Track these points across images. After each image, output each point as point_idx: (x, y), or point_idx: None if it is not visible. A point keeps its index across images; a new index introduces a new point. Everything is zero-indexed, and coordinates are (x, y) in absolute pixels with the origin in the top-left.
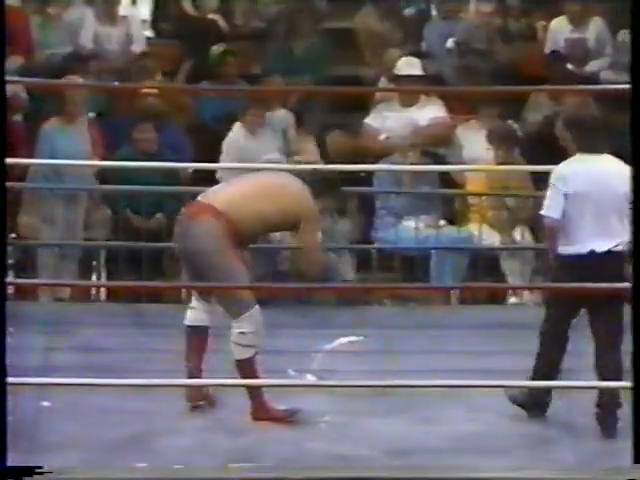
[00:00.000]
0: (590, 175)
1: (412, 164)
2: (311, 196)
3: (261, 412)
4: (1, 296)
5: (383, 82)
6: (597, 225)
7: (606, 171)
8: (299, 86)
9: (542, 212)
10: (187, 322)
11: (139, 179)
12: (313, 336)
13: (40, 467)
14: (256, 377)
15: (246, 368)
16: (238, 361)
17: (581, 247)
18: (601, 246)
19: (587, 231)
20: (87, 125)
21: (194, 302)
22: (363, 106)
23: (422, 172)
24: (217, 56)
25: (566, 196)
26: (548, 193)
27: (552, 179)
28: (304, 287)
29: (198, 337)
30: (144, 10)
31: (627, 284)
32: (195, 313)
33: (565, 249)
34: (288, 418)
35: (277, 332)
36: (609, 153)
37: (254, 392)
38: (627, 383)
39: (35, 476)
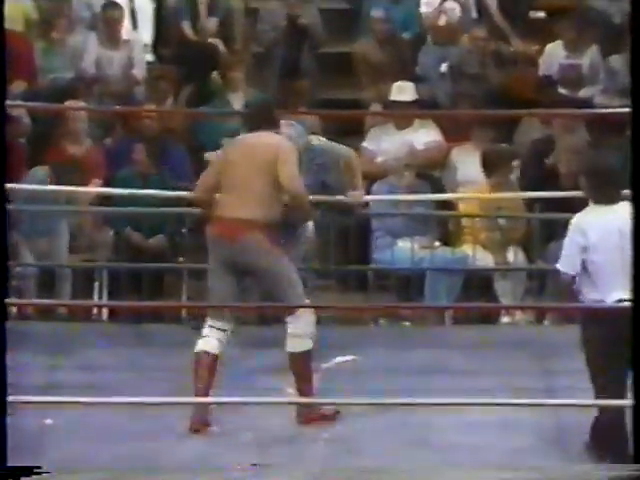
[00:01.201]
0: (607, 225)
1: (407, 185)
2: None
3: (312, 413)
4: (2, 316)
5: (377, 107)
6: (618, 274)
7: (622, 220)
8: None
9: (558, 265)
10: (198, 349)
11: (140, 200)
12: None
13: (39, 467)
14: (310, 371)
15: (301, 361)
16: (293, 354)
17: (607, 295)
18: (625, 295)
19: (609, 280)
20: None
21: (207, 331)
22: (358, 130)
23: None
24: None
25: (585, 249)
26: (565, 245)
27: (569, 231)
28: (296, 306)
29: (208, 365)
30: (145, 34)
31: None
32: (207, 341)
33: (592, 296)
34: (335, 416)
35: (272, 350)
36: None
37: (306, 393)
38: (628, 401)
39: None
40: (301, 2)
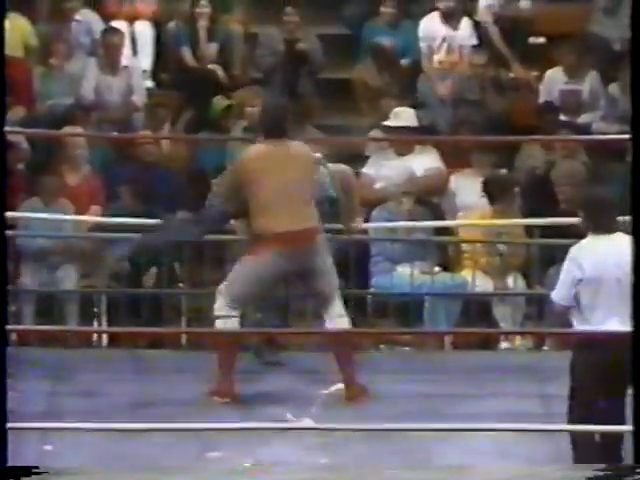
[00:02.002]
0: (605, 257)
1: (407, 212)
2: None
3: (353, 389)
4: (2, 342)
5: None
6: (613, 307)
7: (619, 251)
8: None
9: (552, 296)
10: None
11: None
12: (310, 381)
13: (36, 467)
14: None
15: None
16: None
17: (597, 327)
18: (617, 328)
19: (602, 313)
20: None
21: (229, 311)
22: (357, 155)
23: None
24: (220, 109)
25: (580, 281)
26: (561, 275)
27: (566, 262)
28: (300, 332)
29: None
30: (145, 60)
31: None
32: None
33: (583, 326)
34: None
35: (274, 376)
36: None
37: (350, 372)
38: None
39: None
40: (300, 27)
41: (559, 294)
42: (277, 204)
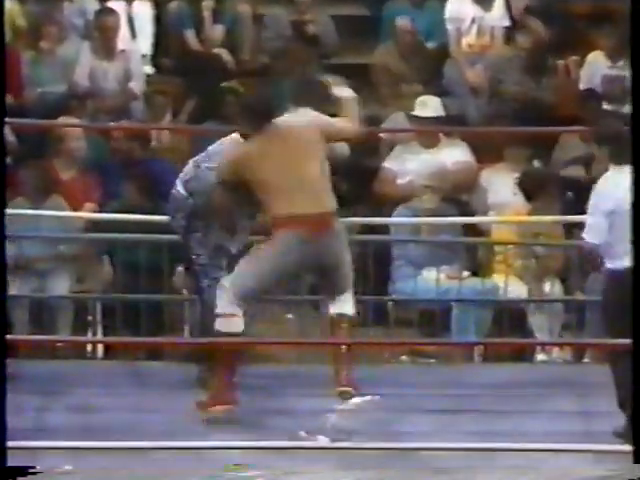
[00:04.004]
0: (626, 189)
1: (432, 209)
2: None
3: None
4: (2, 354)
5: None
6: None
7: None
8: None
9: (583, 235)
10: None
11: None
12: (325, 395)
13: (33, 467)
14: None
15: (347, 327)
16: (343, 316)
17: (621, 262)
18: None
19: (624, 246)
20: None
21: (233, 309)
22: (377, 147)
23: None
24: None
25: (611, 212)
26: (589, 214)
27: (592, 199)
28: (311, 343)
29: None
30: (144, 44)
31: None
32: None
33: (614, 264)
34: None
35: (287, 391)
36: None
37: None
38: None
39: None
40: (310, 8)
41: (591, 231)
42: (286, 188)
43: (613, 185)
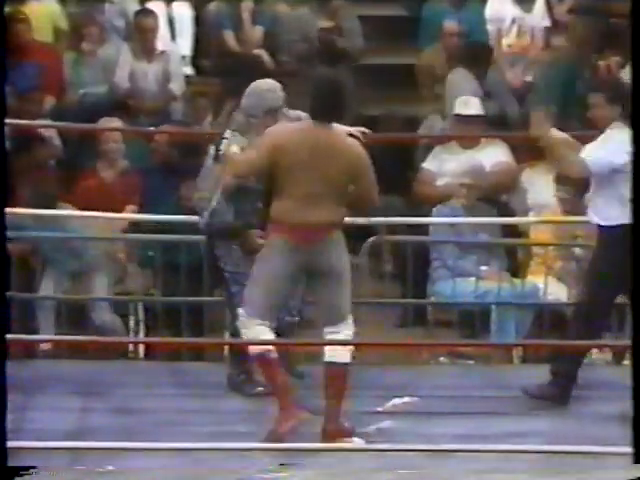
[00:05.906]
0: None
1: (471, 209)
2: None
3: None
4: (2, 354)
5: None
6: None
7: None
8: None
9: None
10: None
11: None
12: (364, 397)
13: (34, 467)
14: (345, 389)
15: (342, 375)
16: (335, 365)
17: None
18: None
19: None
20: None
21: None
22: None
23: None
24: None
25: (614, 171)
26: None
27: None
28: (350, 343)
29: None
30: (184, 45)
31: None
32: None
33: (609, 222)
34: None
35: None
36: None
37: (337, 413)
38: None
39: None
40: (340, 10)
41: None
42: (301, 190)
43: (620, 141)
